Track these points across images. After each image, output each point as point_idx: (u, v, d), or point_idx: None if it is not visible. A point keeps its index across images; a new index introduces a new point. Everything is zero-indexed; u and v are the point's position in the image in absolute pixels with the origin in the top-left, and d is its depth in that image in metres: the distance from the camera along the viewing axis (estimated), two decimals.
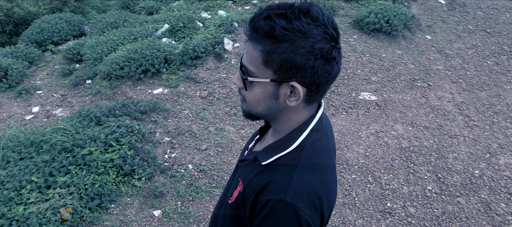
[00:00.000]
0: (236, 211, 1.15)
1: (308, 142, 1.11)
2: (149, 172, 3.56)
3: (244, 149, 1.38)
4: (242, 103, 1.16)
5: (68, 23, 7.08)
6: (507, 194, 3.68)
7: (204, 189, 3.49)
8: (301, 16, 0.95)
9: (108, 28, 6.79)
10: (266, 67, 1.00)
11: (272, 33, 0.95)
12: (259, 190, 1.06)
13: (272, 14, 0.95)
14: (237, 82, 1.11)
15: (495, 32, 6.92)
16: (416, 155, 4.08)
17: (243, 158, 1.26)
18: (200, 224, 3.19)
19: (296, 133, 1.11)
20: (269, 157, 1.11)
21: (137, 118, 4.28)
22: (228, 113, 4.52)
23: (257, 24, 0.97)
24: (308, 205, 1.00)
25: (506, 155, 4.15)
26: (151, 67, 5.16)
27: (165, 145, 3.99)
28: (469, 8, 7.82)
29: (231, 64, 5.39)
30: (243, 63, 1.05)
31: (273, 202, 1.00)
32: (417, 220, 3.38)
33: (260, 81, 1.03)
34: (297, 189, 1.01)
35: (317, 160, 1.10)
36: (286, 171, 1.05)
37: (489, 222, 3.40)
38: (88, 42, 6.09)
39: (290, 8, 0.95)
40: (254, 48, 1.00)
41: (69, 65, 5.95)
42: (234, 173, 1.30)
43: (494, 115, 4.78)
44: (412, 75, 5.50)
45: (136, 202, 3.35)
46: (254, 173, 1.12)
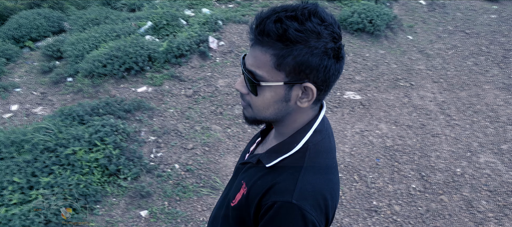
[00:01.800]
0: (239, 214, 1.14)
1: (312, 143, 1.11)
2: (135, 172, 3.51)
3: (245, 152, 1.37)
4: (245, 109, 1.12)
5: (47, 19, 6.91)
6: (487, 191, 3.78)
7: (192, 189, 3.46)
8: (312, 17, 0.95)
9: (89, 24, 6.65)
10: (278, 71, 0.99)
11: (286, 36, 0.94)
12: (264, 192, 1.05)
13: (283, 17, 0.94)
14: (242, 88, 1.08)
15: (473, 33, 7.09)
16: (400, 154, 4.15)
17: (244, 161, 1.25)
18: (188, 224, 3.17)
19: (299, 135, 1.12)
20: (273, 159, 1.11)
21: (121, 117, 4.21)
22: (214, 112, 4.50)
23: (267, 28, 0.95)
24: (314, 206, 1.01)
25: (486, 153, 4.26)
26: (134, 65, 5.08)
27: (150, 144, 3.94)
28: (448, 9, 7.99)
29: (216, 63, 5.36)
30: (250, 68, 1.02)
31: (279, 204, 1.00)
32: (402, 217, 3.44)
33: (272, 85, 1.01)
34: (303, 191, 1.01)
35: (321, 161, 1.10)
36: (291, 173, 1.05)
37: (471, 219, 3.48)
38: (69, 39, 5.96)
39: (299, 10, 0.95)
40: (264, 52, 0.98)
41: (48, 62, 5.81)
42: (234, 176, 1.29)
43: (474, 114, 4.90)
44: (395, 74, 5.59)
45: (122, 203, 3.30)
46: (258, 175, 1.12)
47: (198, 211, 3.29)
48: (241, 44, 5.81)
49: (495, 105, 5.09)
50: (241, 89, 1.08)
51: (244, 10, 6.85)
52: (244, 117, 1.15)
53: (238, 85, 1.08)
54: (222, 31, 5.99)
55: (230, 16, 6.41)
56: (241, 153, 1.41)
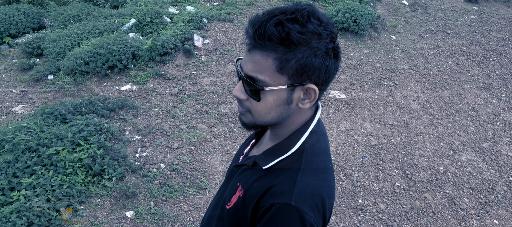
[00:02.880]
0: (235, 216, 1.13)
1: (308, 145, 1.11)
2: (120, 172, 3.45)
3: (239, 154, 1.36)
4: (243, 116, 1.10)
5: (27, 15, 6.73)
6: (469, 189, 3.86)
7: (178, 189, 3.43)
8: (311, 18, 0.95)
9: (70, 21, 6.52)
10: (280, 74, 0.99)
11: (289, 39, 0.94)
12: (262, 194, 1.05)
13: (283, 20, 0.93)
14: (241, 94, 1.06)
15: (454, 33, 7.22)
16: (384, 153, 4.19)
17: (239, 163, 1.24)
18: (174, 225, 3.14)
19: (296, 136, 1.11)
20: (270, 161, 1.10)
21: (105, 116, 4.14)
22: (200, 110, 4.46)
23: (268, 32, 0.94)
24: (312, 207, 1.01)
25: (468, 151, 4.35)
26: (118, 63, 5.00)
27: (135, 143, 3.89)
28: (430, 10, 8.12)
29: (201, 61, 5.32)
30: (250, 74, 1.00)
31: (277, 206, 1.00)
32: (387, 215, 3.48)
33: (275, 89, 1.01)
34: (301, 192, 1.02)
35: (318, 163, 1.11)
36: (289, 175, 1.05)
37: (454, 217, 3.55)
38: (50, 36, 5.82)
39: (298, 12, 0.94)
40: (265, 57, 0.97)
41: (28, 59, 5.67)
42: (229, 178, 1.27)
43: (456, 113, 4.99)
44: (379, 74, 5.65)
45: (107, 203, 3.24)
46: (254, 177, 1.11)
47: (185, 211, 3.26)
48: (226, 42, 5.78)
49: (476, 104, 5.20)
50: (240, 96, 1.06)
51: (229, 8, 6.82)
52: (242, 123, 1.12)
53: (237, 92, 1.06)
54: (207, 29, 5.95)
55: (215, 14, 6.37)
56: (235, 155, 1.39)
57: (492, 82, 5.78)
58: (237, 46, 5.75)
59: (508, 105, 5.25)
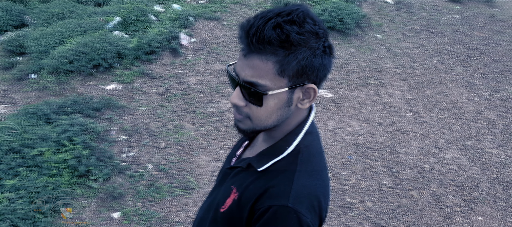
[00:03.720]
0: (229, 219, 1.12)
1: (303, 145, 1.11)
2: (106, 172, 3.40)
3: (231, 156, 1.34)
4: (241, 123, 1.08)
5: (7, 12, 6.58)
6: (454, 186, 3.92)
7: (165, 189, 3.40)
8: (307, 18, 0.95)
9: (53, 19, 6.39)
10: (281, 77, 0.98)
11: (289, 41, 0.93)
12: (258, 197, 1.04)
13: (281, 22, 0.92)
14: (239, 101, 1.04)
15: (438, 32, 7.32)
16: (371, 151, 4.23)
17: (233, 165, 1.23)
18: (162, 225, 3.11)
19: (291, 137, 1.11)
20: (265, 163, 1.10)
21: (90, 116, 4.08)
22: (187, 110, 4.43)
23: (267, 35, 0.92)
24: (309, 209, 1.02)
25: (452, 149, 4.42)
26: (103, 62, 4.93)
27: (121, 143, 3.84)
28: (414, 9, 8.22)
29: (187, 60, 5.28)
30: (250, 80, 0.99)
31: (275, 208, 1.00)
32: (374, 213, 3.51)
33: (277, 92, 1.00)
34: (298, 194, 1.02)
35: (313, 163, 1.11)
36: (286, 177, 1.05)
37: (439, 214, 3.60)
38: (32, 34, 5.70)
39: (294, 13, 0.94)
40: (265, 61, 0.96)
41: (10, 58, 5.55)
42: (221, 181, 1.26)
43: (440, 111, 5.06)
44: (365, 72, 5.69)
45: (93, 205, 3.19)
46: (249, 180, 1.10)
47: (173, 212, 3.23)
48: (213, 41, 5.75)
49: (460, 103, 5.28)
50: (239, 103, 1.03)
51: (215, 7, 6.78)
52: (239, 130, 1.10)
53: (235, 99, 1.03)
54: (194, 28, 5.91)
55: (201, 13, 6.33)
56: (226, 157, 1.38)
57: (475, 80, 5.88)
58: (224, 45, 5.73)
59: (491, 103, 5.35)
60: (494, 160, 4.32)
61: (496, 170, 4.18)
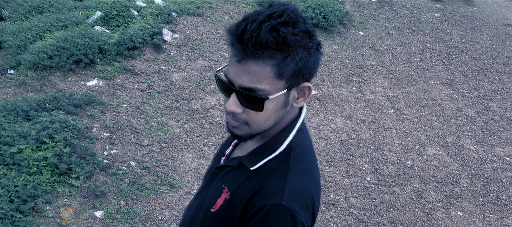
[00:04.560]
0: (221, 219, 1.11)
1: (295, 143, 1.11)
2: (88, 170, 3.34)
3: (219, 155, 1.32)
4: (238, 129, 1.06)
5: None
6: (435, 182, 3.99)
7: (149, 187, 3.36)
8: (298, 18, 0.95)
9: (31, 13, 6.23)
10: (279, 80, 0.97)
11: (286, 43, 0.92)
12: (251, 196, 1.04)
13: (276, 25, 0.91)
14: (237, 108, 1.01)
15: (419, 30, 7.43)
16: (354, 148, 4.27)
17: (223, 164, 1.21)
18: (146, 224, 3.07)
19: (283, 135, 1.11)
20: (257, 161, 1.09)
21: (71, 112, 3.99)
22: (170, 106, 4.38)
23: (264, 39, 0.90)
24: (303, 206, 1.02)
25: (433, 146, 4.49)
26: (84, 57, 4.82)
27: (103, 141, 3.77)
28: (396, 7, 8.32)
29: (170, 56, 5.22)
30: (248, 85, 0.96)
31: (269, 207, 1.00)
32: (358, 210, 3.55)
33: (277, 95, 0.99)
34: (292, 192, 1.02)
35: (306, 161, 1.11)
36: (279, 175, 1.05)
37: (421, 209, 3.66)
38: (9, 28, 5.54)
39: (286, 14, 0.93)
40: (262, 65, 0.94)
41: None
42: (210, 180, 1.24)
43: (421, 108, 5.14)
44: (348, 70, 5.73)
45: (75, 203, 3.13)
46: (241, 179, 1.09)
47: (157, 210, 3.19)
48: (196, 37, 5.70)
49: (440, 100, 5.38)
50: (236, 110, 1.01)
51: (198, 2, 6.72)
52: (235, 136, 1.08)
53: (233, 107, 1.00)
54: (176, 24, 5.84)
55: (184, 8, 6.26)
56: (214, 157, 1.36)
57: (455, 78, 5.99)
58: (208, 41, 5.69)
59: (470, 100, 5.46)
60: (473, 156, 4.42)
61: (475, 166, 4.27)
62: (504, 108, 5.39)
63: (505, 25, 8.37)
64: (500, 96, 5.66)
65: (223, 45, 5.70)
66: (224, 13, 6.56)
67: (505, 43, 7.47)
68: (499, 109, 5.34)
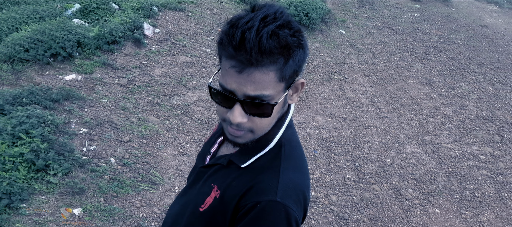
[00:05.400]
0: (211, 218, 1.10)
1: (285, 139, 1.12)
2: (66, 167, 3.26)
3: (204, 154, 1.30)
4: (241, 138, 1.04)
5: None
6: (413, 180, 4.06)
7: (129, 184, 3.31)
8: (289, 17, 0.95)
9: (6, 4, 6.05)
10: (281, 82, 0.97)
11: (288, 46, 0.92)
12: (243, 193, 1.04)
13: (274, 29, 0.90)
14: (243, 118, 0.98)
15: (399, 30, 7.54)
16: (335, 145, 4.31)
17: (210, 163, 1.20)
18: (126, 221, 3.02)
19: (273, 131, 1.11)
20: (248, 158, 1.09)
21: (48, 107, 3.90)
22: (151, 102, 4.32)
23: (268, 46, 0.89)
24: (296, 202, 1.03)
25: (412, 144, 4.58)
26: (62, 51, 4.71)
27: (82, 137, 3.69)
28: (377, 6, 8.42)
29: (151, 51, 5.15)
30: (255, 94, 0.94)
31: (263, 203, 1.00)
32: (338, 207, 3.59)
33: (282, 98, 1.00)
34: (286, 188, 1.02)
35: (297, 157, 1.12)
36: (272, 172, 1.05)
37: (400, 207, 3.73)
38: None
39: (279, 16, 0.92)
40: (266, 72, 0.92)
41: None
42: (195, 180, 1.23)
43: (401, 107, 5.23)
44: (329, 68, 5.78)
45: (52, 200, 3.06)
46: (231, 177, 1.09)
47: (137, 207, 3.15)
48: (178, 32, 5.64)
49: (419, 99, 5.48)
50: (242, 121, 0.98)
51: None
52: (236, 145, 1.07)
53: (239, 118, 0.98)
54: (158, 18, 5.76)
55: (166, 3, 6.18)
56: (199, 156, 1.34)
57: (433, 77, 6.11)
58: (189, 37, 5.63)
59: (447, 100, 5.58)
60: (450, 154, 4.52)
61: (452, 164, 4.37)
62: (480, 107, 5.53)
63: (481, 26, 8.58)
64: (476, 96, 5.80)
65: (205, 40, 5.66)
66: (206, 8, 6.51)
67: (481, 44, 7.65)
68: (475, 109, 5.48)
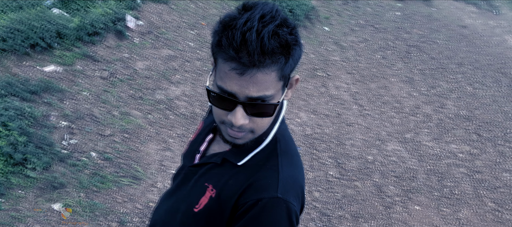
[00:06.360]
0: (207, 218, 1.08)
1: (280, 134, 1.12)
2: (45, 160, 3.19)
3: (192, 152, 1.27)
4: (241, 139, 1.03)
5: None
6: (394, 177, 4.13)
7: (111, 179, 3.25)
8: (284, 14, 0.94)
9: None
10: (280, 81, 0.96)
11: (287, 45, 0.91)
12: (242, 191, 1.02)
13: (274, 29, 0.88)
14: (246, 120, 0.96)
15: (381, 28, 7.62)
16: (318, 142, 4.33)
17: (201, 162, 1.17)
18: (107, 217, 2.98)
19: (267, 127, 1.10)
20: (244, 156, 1.08)
21: (26, 99, 3.79)
22: (133, 96, 4.26)
23: (270, 47, 0.87)
24: (295, 197, 1.04)
25: (393, 142, 4.64)
26: (40, 41, 4.58)
27: (62, 130, 3.61)
28: (360, 4, 8.48)
29: (134, 43, 5.06)
30: (257, 95, 0.93)
31: (265, 200, 0.99)
32: (321, 203, 3.61)
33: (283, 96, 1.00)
34: (285, 184, 1.02)
35: (291, 151, 1.12)
36: (270, 168, 1.05)
37: (381, 203, 3.78)
38: None
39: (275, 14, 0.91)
40: (268, 73, 0.91)
41: None
42: (184, 180, 1.20)
43: (382, 105, 5.29)
44: (313, 64, 5.80)
45: (31, 195, 2.98)
46: (227, 175, 1.07)
47: (119, 203, 3.10)
48: (161, 25, 5.56)
49: (400, 97, 5.55)
50: (245, 122, 0.97)
51: None
52: (236, 146, 1.06)
53: (241, 121, 0.95)
54: (141, 10, 5.67)
55: None
56: (185, 155, 1.30)
57: (414, 76, 6.20)
58: (173, 30, 5.56)
59: (428, 98, 5.68)
60: (429, 152, 4.60)
61: (431, 162, 4.46)
62: (458, 106, 5.65)
63: (460, 26, 8.75)
64: (455, 95, 5.92)
65: (188, 34, 5.59)
66: (190, 1, 6.43)
67: (460, 44, 7.81)
68: (454, 108, 5.59)
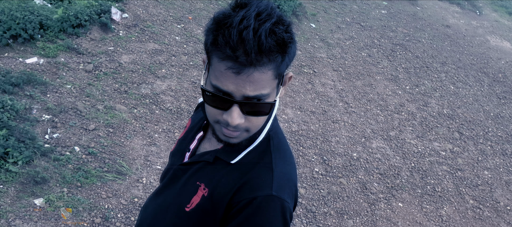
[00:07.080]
0: (198, 217, 1.07)
1: (272, 132, 1.11)
2: (27, 155, 3.12)
3: (182, 150, 1.25)
4: (236, 138, 1.01)
5: None
6: (378, 174, 4.17)
7: (95, 174, 3.21)
8: (279, 12, 0.93)
9: None
10: (276, 79, 0.95)
11: (284, 43, 0.90)
12: (235, 190, 1.01)
13: (271, 27, 0.87)
14: (242, 119, 0.95)
15: (367, 26, 7.68)
16: (304, 139, 4.35)
17: (191, 161, 1.16)
18: (91, 212, 2.93)
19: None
20: (236, 154, 1.07)
21: (7, 91, 3.70)
22: (118, 90, 4.20)
23: (268, 45, 0.86)
24: (289, 194, 1.04)
25: (377, 139, 4.69)
26: (22, 32, 4.47)
27: (44, 124, 3.54)
28: (346, 1, 8.53)
29: (119, 36, 4.99)
30: (254, 94, 0.91)
31: (260, 199, 0.99)
32: (306, 200, 3.63)
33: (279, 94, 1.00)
34: (280, 181, 1.02)
35: (285, 149, 1.12)
36: (264, 166, 1.04)
37: (365, 200, 3.82)
38: None
39: (271, 12, 0.90)
40: (265, 71, 0.90)
41: None
42: (173, 179, 1.18)
43: (368, 102, 5.34)
44: (299, 61, 5.81)
45: (12, 190, 2.92)
46: (220, 174, 1.06)
47: (103, 198, 3.06)
48: (147, 18, 5.49)
49: (385, 95, 5.61)
50: (241, 121, 0.95)
51: None
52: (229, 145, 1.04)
53: (237, 120, 0.94)
54: (126, 3, 5.58)
55: None
56: (174, 153, 1.28)
57: (399, 74, 6.28)
58: (159, 23, 5.50)
59: (412, 96, 5.75)
60: (413, 150, 4.67)
61: (414, 159, 4.52)
62: (442, 105, 5.74)
63: (444, 26, 8.89)
64: (438, 94, 6.01)
65: (175, 28, 5.54)
66: None
67: (444, 43, 7.93)
68: (437, 106, 5.68)
